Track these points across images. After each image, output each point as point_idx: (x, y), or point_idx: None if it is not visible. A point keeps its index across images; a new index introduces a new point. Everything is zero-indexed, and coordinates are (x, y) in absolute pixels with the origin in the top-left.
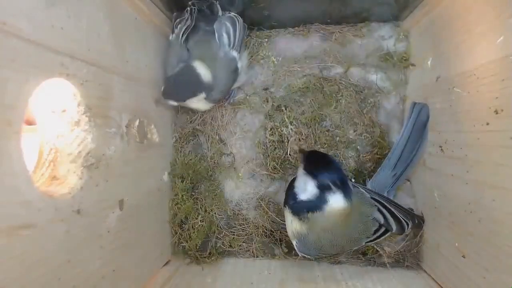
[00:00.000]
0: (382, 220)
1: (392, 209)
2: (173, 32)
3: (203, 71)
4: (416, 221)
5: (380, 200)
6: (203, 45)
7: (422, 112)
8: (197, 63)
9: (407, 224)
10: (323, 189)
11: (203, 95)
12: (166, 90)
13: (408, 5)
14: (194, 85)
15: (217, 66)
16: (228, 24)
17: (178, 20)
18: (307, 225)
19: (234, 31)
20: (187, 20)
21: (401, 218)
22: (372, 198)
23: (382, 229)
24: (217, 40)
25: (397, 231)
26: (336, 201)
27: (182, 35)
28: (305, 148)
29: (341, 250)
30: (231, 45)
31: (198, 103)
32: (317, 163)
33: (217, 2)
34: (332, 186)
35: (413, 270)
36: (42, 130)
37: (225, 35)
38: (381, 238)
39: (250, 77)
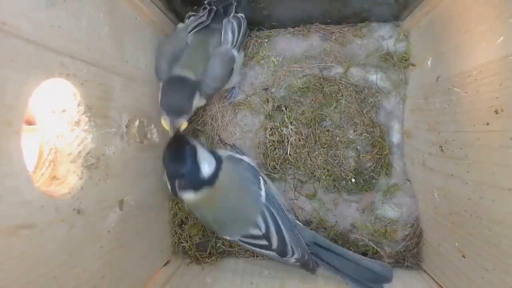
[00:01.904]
0: (263, 229)
1: (284, 231)
2: (183, 21)
3: (187, 73)
4: (307, 260)
5: (274, 212)
6: (203, 38)
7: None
8: (179, 70)
9: (293, 253)
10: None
11: (198, 94)
12: (171, 112)
13: (408, 5)
14: (189, 90)
15: (213, 60)
16: (235, 24)
17: (192, 13)
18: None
19: (239, 31)
20: (202, 16)
21: (289, 243)
22: (266, 205)
23: (262, 241)
24: (222, 37)
25: (277, 252)
26: (185, 193)
27: (192, 28)
28: (175, 133)
29: (213, 229)
30: (234, 44)
31: (196, 100)
32: (167, 157)
33: (235, 4)
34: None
35: (413, 270)
36: (42, 130)
37: (230, 33)
38: (256, 248)
39: (243, 77)
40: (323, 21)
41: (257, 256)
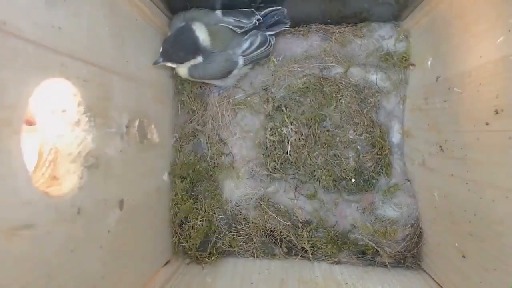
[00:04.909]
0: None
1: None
2: (229, 14)
3: (202, 36)
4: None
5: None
6: (227, 32)
7: None
8: (197, 24)
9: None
10: None
11: (200, 58)
12: (165, 52)
13: (408, 5)
14: (192, 48)
15: (218, 55)
16: (259, 39)
17: (235, 18)
18: None
19: (258, 47)
20: (250, 19)
21: None
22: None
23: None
24: (240, 40)
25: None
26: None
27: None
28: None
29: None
30: (244, 53)
31: (185, 68)
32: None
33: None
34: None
35: (413, 270)
36: (42, 130)
37: (248, 43)
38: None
39: (243, 76)
40: (323, 21)
41: (257, 256)
